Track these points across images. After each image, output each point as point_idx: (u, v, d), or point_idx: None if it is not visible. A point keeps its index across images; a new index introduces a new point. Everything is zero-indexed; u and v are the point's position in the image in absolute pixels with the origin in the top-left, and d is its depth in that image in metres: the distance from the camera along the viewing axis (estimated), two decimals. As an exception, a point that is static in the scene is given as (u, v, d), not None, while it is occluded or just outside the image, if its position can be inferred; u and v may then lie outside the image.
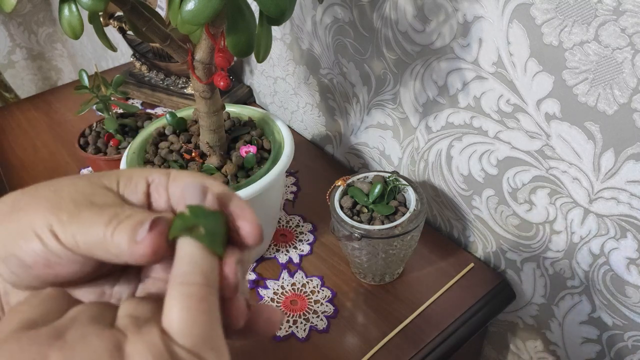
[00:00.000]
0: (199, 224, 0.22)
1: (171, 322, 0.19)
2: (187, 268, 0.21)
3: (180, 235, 0.22)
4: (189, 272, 0.21)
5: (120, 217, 0.22)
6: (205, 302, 0.20)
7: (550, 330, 0.63)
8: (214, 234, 0.22)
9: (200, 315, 0.19)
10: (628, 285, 0.52)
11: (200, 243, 0.21)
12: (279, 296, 0.61)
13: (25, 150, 0.89)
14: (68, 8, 0.43)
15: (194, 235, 0.22)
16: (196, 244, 0.21)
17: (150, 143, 0.59)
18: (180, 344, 0.19)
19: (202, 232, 0.22)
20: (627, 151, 0.46)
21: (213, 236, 0.22)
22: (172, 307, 0.20)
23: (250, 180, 0.53)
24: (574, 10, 0.44)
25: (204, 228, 0.22)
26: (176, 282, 0.20)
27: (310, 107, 0.86)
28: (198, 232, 0.22)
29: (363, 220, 0.56)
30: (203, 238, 0.22)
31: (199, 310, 0.20)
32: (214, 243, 0.22)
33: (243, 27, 0.42)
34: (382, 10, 0.62)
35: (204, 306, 0.20)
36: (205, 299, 0.20)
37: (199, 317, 0.19)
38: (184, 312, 0.19)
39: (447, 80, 0.59)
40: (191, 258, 0.21)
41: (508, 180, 0.58)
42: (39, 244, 0.22)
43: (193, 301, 0.20)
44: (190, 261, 0.21)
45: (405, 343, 0.56)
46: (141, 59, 0.99)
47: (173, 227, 0.22)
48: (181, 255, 0.21)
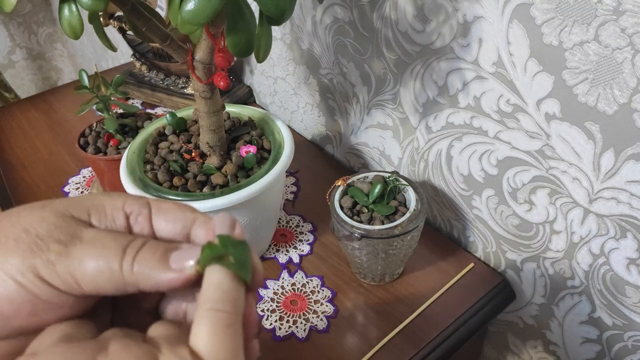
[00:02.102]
0: (229, 253, 0.22)
1: (199, 344, 0.20)
2: (217, 295, 0.21)
3: (210, 264, 0.22)
4: (219, 299, 0.21)
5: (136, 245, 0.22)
6: (232, 329, 0.21)
7: (550, 330, 0.63)
8: (242, 263, 0.23)
9: (227, 341, 0.20)
10: (628, 285, 0.52)
11: (230, 271, 0.22)
12: (279, 296, 0.61)
13: (25, 150, 0.89)
14: (68, 8, 0.43)
15: (224, 263, 0.22)
16: (226, 272, 0.22)
17: (150, 143, 0.59)
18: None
19: (232, 260, 0.22)
20: (627, 151, 0.46)
21: (242, 265, 0.23)
22: (201, 331, 0.20)
23: (250, 180, 0.53)
24: (574, 10, 0.44)
25: (234, 257, 0.22)
26: (206, 307, 0.21)
27: (310, 107, 0.86)
28: (228, 260, 0.22)
29: (363, 220, 0.56)
30: (233, 266, 0.22)
31: (226, 335, 0.20)
32: (243, 271, 0.23)
33: (243, 27, 0.42)
34: (382, 10, 0.62)
35: (230, 332, 0.21)
36: (232, 326, 0.21)
37: (225, 342, 0.20)
38: (212, 336, 0.20)
39: (447, 80, 0.59)
40: (221, 286, 0.21)
41: (508, 180, 0.58)
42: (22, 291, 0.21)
43: (221, 327, 0.20)
44: (220, 289, 0.21)
45: (405, 343, 0.56)
46: (141, 59, 0.99)
47: (203, 256, 0.22)
48: (211, 282, 0.22)
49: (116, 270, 0.21)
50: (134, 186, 0.53)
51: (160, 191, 0.52)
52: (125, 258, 0.22)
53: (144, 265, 0.22)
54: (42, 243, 0.21)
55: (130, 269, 0.21)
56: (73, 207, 0.23)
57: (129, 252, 0.22)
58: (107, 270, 0.21)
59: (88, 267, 0.21)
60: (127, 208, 0.24)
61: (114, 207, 0.24)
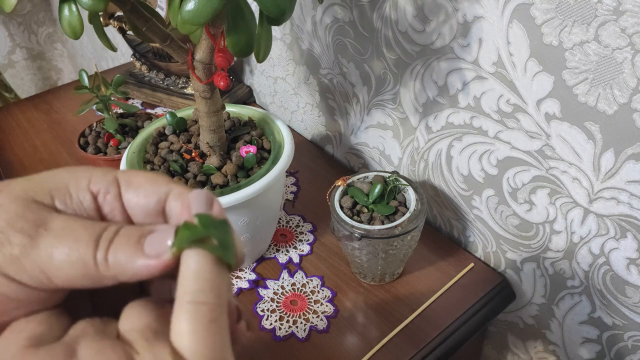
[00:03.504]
0: (211, 235, 0.20)
1: (181, 343, 0.18)
2: (198, 285, 0.19)
3: (189, 247, 0.20)
4: (200, 289, 0.19)
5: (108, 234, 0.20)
6: (216, 323, 0.19)
7: (550, 330, 0.63)
8: (226, 245, 0.20)
9: (212, 337, 0.18)
10: (628, 285, 0.52)
11: (212, 256, 0.20)
12: (279, 296, 0.61)
13: (25, 150, 0.88)
14: (68, 8, 0.43)
15: (207, 247, 0.20)
16: (206, 257, 0.19)
17: (150, 143, 0.59)
18: None
19: (215, 244, 0.20)
20: (627, 151, 0.46)
21: (225, 248, 0.20)
22: (182, 328, 0.18)
23: (250, 180, 0.53)
24: (574, 10, 0.44)
25: (218, 240, 0.20)
26: (185, 299, 0.19)
27: (310, 107, 0.86)
28: (210, 243, 0.20)
29: (363, 220, 0.56)
30: (217, 249, 0.20)
31: (211, 331, 0.18)
32: (227, 255, 0.20)
33: (243, 27, 0.42)
34: (382, 10, 0.62)
35: (214, 327, 0.19)
36: (216, 320, 0.19)
37: (210, 338, 0.18)
38: (194, 334, 0.18)
39: (447, 80, 0.59)
40: (202, 273, 0.19)
41: (508, 180, 0.58)
42: None
43: (204, 323, 0.18)
44: (200, 277, 0.19)
45: (405, 343, 0.56)
46: (141, 59, 0.99)
47: (179, 238, 0.19)
48: (190, 269, 0.19)
49: (90, 264, 0.19)
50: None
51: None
52: (98, 250, 0.19)
53: (119, 256, 0.19)
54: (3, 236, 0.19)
55: (105, 261, 0.19)
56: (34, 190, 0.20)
57: (102, 243, 0.19)
58: (81, 265, 0.19)
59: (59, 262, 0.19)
60: (93, 187, 0.21)
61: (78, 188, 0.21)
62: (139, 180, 0.22)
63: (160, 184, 0.22)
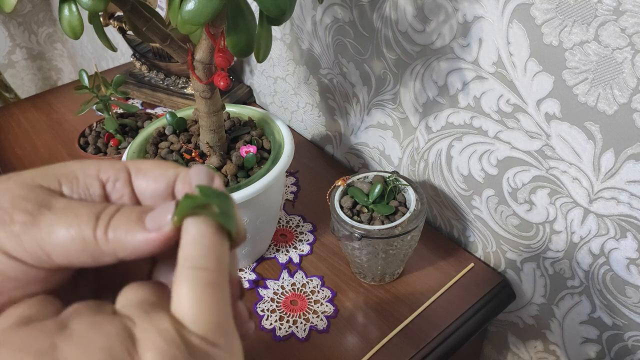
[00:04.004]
0: (212, 203, 0.20)
1: (180, 309, 0.18)
2: (198, 251, 0.19)
3: (191, 215, 0.20)
4: (200, 255, 0.19)
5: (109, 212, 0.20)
6: (217, 289, 0.19)
7: (550, 330, 0.63)
8: (226, 213, 0.20)
9: (213, 302, 0.18)
10: (628, 285, 0.52)
11: (212, 222, 0.20)
12: (279, 296, 0.61)
13: (25, 150, 0.88)
14: (68, 8, 0.43)
15: (208, 213, 0.20)
16: (209, 223, 0.20)
17: (150, 143, 0.59)
18: (192, 330, 0.18)
19: (216, 210, 0.20)
20: (627, 151, 0.46)
21: (226, 216, 0.20)
22: (182, 294, 0.18)
23: (250, 180, 0.53)
24: (574, 10, 0.44)
25: (219, 207, 0.20)
26: (186, 265, 0.19)
27: (310, 107, 0.86)
28: (211, 210, 0.20)
29: (363, 220, 0.56)
30: (218, 216, 0.20)
31: (212, 296, 0.18)
32: (229, 223, 0.20)
33: (243, 27, 0.42)
34: (382, 10, 0.62)
35: (215, 293, 0.19)
36: (217, 285, 0.19)
37: (211, 304, 0.18)
38: (194, 299, 0.18)
39: (447, 80, 0.59)
40: (202, 239, 0.19)
41: (508, 180, 0.58)
42: None
43: (204, 287, 0.18)
44: (200, 243, 0.19)
45: (405, 343, 0.56)
46: (141, 59, 0.99)
47: (180, 208, 0.20)
48: (192, 236, 0.19)
49: (89, 238, 0.19)
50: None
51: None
52: (98, 225, 0.19)
53: (119, 231, 0.19)
54: (5, 214, 0.19)
55: (105, 236, 0.19)
56: (41, 177, 0.21)
57: (103, 219, 0.20)
58: (80, 239, 0.19)
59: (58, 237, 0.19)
60: (102, 175, 0.22)
61: (87, 175, 0.22)
62: (148, 166, 0.23)
63: (168, 168, 0.22)
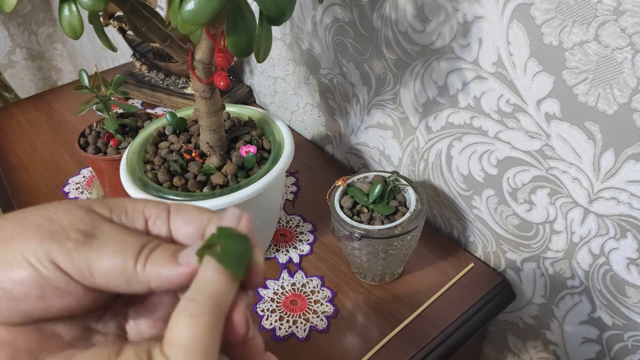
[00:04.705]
0: (217, 243, 0.22)
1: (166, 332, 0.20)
2: (196, 284, 0.21)
3: (203, 254, 0.22)
4: (195, 288, 0.21)
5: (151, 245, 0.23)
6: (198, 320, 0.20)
7: (550, 330, 0.63)
8: (231, 254, 0.22)
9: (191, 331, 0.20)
10: (628, 285, 0.52)
11: (214, 261, 0.22)
12: (279, 296, 0.61)
13: (25, 150, 0.88)
14: (68, 8, 0.43)
15: (210, 252, 0.22)
16: (211, 261, 0.22)
17: (150, 143, 0.59)
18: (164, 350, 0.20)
19: (218, 250, 0.22)
20: (627, 151, 0.46)
21: (230, 256, 0.22)
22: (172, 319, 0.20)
23: (250, 180, 0.53)
24: (574, 10, 0.44)
25: (221, 247, 0.22)
26: (184, 296, 0.21)
27: (310, 107, 0.86)
28: (214, 250, 0.22)
29: (363, 220, 0.56)
30: (217, 255, 0.22)
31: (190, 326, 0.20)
32: (232, 264, 0.22)
33: (243, 27, 0.42)
34: (382, 10, 0.62)
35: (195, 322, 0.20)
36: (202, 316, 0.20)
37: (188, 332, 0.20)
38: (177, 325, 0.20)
39: (447, 80, 0.59)
40: (204, 275, 0.21)
41: (508, 180, 0.58)
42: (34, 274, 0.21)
43: (189, 318, 0.20)
44: (201, 278, 0.21)
45: (405, 343, 0.56)
46: (141, 59, 0.99)
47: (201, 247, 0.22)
48: (199, 272, 0.22)
49: (130, 267, 0.22)
50: (134, 186, 0.53)
51: (160, 191, 0.52)
52: (140, 257, 0.22)
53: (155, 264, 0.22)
54: (63, 231, 0.22)
55: (143, 267, 0.22)
56: (96, 205, 0.24)
57: (144, 252, 0.22)
58: (122, 266, 0.22)
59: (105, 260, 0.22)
60: (146, 212, 0.25)
61: (134, 210, 0.25)
62: (187, 208, 0.25)
63: (203, 213, 0.25)
